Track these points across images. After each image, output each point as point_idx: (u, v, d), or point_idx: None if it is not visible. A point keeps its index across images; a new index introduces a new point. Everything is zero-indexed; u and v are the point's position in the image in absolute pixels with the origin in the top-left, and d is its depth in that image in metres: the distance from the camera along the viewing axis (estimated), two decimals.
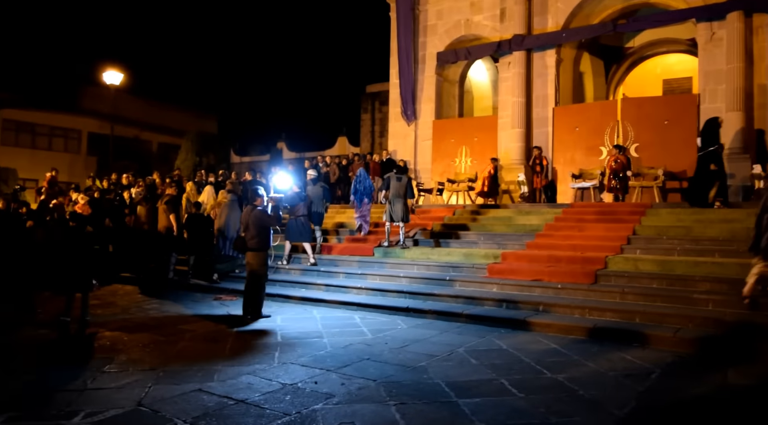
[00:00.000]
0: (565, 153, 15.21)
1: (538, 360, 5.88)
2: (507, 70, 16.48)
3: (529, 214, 12.47)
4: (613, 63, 19.95)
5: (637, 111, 14.50)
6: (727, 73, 13.20)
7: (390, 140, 19.14)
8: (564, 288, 8.42)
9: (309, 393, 4.79)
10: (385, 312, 8.50)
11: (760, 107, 13.18)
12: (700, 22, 13.87)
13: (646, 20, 15.51)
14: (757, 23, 13.25)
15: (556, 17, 15.82)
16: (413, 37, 18.15)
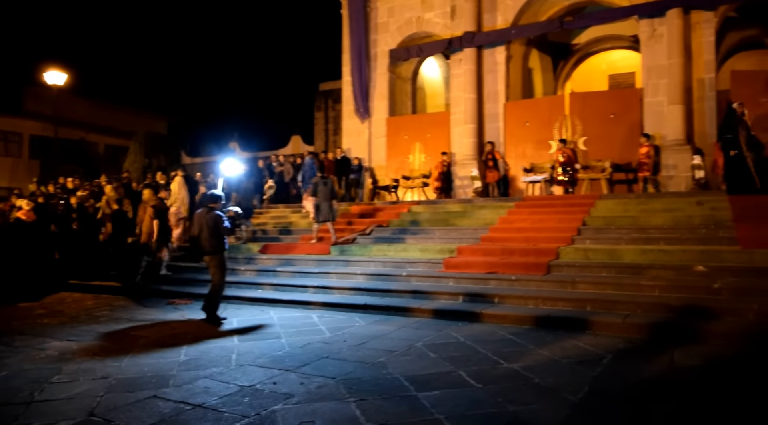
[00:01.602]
0: (517, 147, 15.50)
1: (495, 350, 5.98)
2: (458, 67, 16.67)
3: (483, 209, 12.65)
4: (561, 59, 20.42)
5: (584, 105, 14.88)
6: (668, 68, 13.68)
7: (344, 138, 19.11)
8: (518, 280, 8.59)
9: (268, 394, 4.75)
10: (343, 310, 8.49)
11: (699, 100, 13.72)
12: (642, 19, 14.33)
13: (592, 17, 15.93)
14: (695, 20, 13.78)
15: (506, 14, 16.08)
16: (365, 34, 18.15)
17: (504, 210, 12.14)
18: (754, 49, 18.18)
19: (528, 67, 18.53)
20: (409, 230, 12.13)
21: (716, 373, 5.10)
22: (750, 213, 9.62)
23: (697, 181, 12.65)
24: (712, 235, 9.27)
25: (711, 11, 13.69)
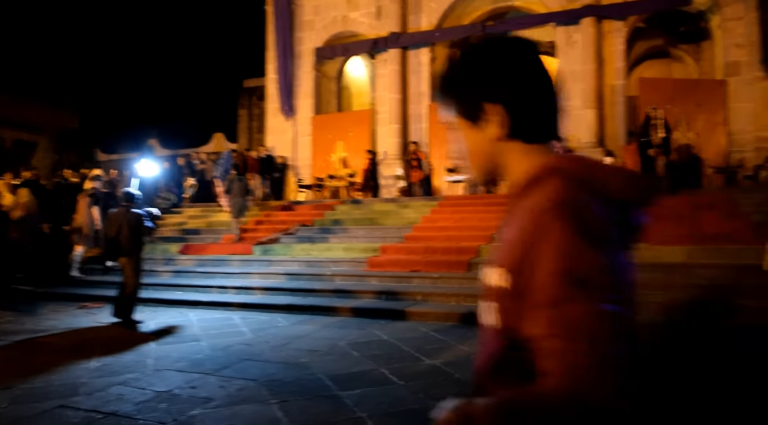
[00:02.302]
0: (441, 147, 15.77)
1: (417, 347, 6.07)
2: (383, 67, 16.79)
3: (407, 208, 12.81)
4: None
5: None
6: (583, 73, 14.34)
7: (268, 136, 18.83)
8: (441, 278, 8.76)
9: (186, 399, 4.61)
10: (266, 310, 8.37)
11: (611, 105, 14.46)
12: (559, 26, 14.95)
13: (512, 23, 16.44)
14: (607, 29, 14.52)
15: (430, 17, 16.35)
16: (290, 31, 17.97)
17: (427, 209, 12.34)
18: (661, 57, 19.36)
19: None
20: (334, 229, 12.11)
21: None
22: (655, 212, 10.19)
23: None
24: None
25: (621, 21, 14.47)
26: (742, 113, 13.64)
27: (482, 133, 1.06)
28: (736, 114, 13.75)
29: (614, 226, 0.95)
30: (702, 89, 14.42)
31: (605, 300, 0.86)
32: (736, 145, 13.70)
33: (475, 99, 1.05)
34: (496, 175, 1.12)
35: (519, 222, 0.97)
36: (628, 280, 0.94)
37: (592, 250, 0.89)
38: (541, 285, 0.89)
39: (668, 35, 18.05)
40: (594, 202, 0.94)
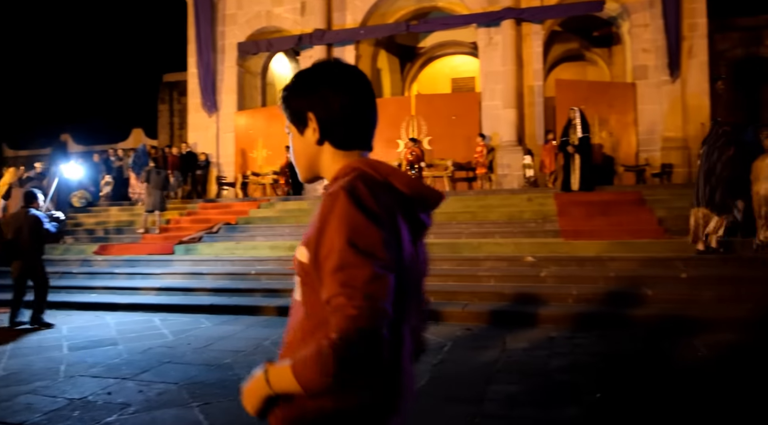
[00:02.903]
0: None
1: None
2: (308, 64, 16.67)
3: None
4: (408, 61, 21.23)
5: (429, 106, 15.60)
6: (503, 74, 14.78)
7: (190, 132, 18.29)
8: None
9: (101, 405, 4.44)
10: (189, 312, 8.15)
11: (530, 105, 14.99)
12: (480, 28, 15.33)
13: (435, 23, 16.73)
14: (526, 31, 15.02)
15: (355, 14, 16.37)
16: (212, 25, 17.53)
17: None
18: (576, 60, 20.26)
19: (377, 68, 19.02)
20: (259, 227, 11.94)
21: (542, 353, 5.62)
22: (570, 208, 10.72)
23: (527, 179, 13.83)
24: (540, 229, 10.19)
25: (539, 24, 15.01)
26: (650, 115, 14.48)
27: (305, 138, 1.34)
28: (644, 115, 14.58)
29: (399, 213, 1.23)
30: (614, 91, 15.19)
31: (380, 267, 1.10)
32: (644, 145, 14.53)
33: (301, 109, 1.32)
34: (316, 173, 1.40)
35: (319, 208, 1.20)
36: (406, 256, 1.22)
37: (369, 225, 1.13)
38: (331, 253, 1.12)
39: (583, 39, 18.91)
40: (379, 192, 1.20)
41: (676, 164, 13.98)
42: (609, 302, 7.26)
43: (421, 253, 1.35)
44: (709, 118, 13.96)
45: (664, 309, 6.88)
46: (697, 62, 14.17)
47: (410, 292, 1.27)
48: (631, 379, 4.79)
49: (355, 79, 1.34)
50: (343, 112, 1.31)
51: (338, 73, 1.33)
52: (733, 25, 19.07)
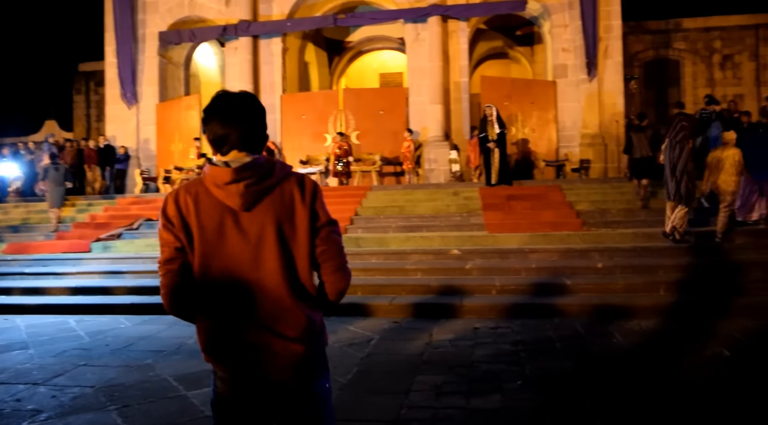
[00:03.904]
0: (293, 139, 15.69)
1: None
2: (234, 56, 16.32)
3: None
4: (336, 55, 21.14)
5: (357, 101, 15.60)
6: (430, 70, 14.97)
7: (108, 125, 17.50)
8: None
9: (9, 413, 4.18)
10: (107, 312, 7.80)
11: (456, 101, 15.27)
12: (408, 23, 15.47)
13: (363, 17, 16.73)
14: (452, 28, 15.28)
15: (282, 6, 16.13)
16: (131, 13, 16.80)
17: None
18: (500, 58, 20.81)
19: (305, 61, 18.84)
20: None
21: (467, 343, 5.75)
22: (493, 202, 11.02)
23: (453, 174, 14.09)
24: (466, 222, 10.41)
25: (465, 21, 15.30)
26: (569, 112, 15.07)
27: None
28: (564, 112, 15.16)
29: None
30: (536, 89, 15.71)
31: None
32: (564, 141, 15.12)
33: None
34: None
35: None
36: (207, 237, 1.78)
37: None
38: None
39: (507, 38, 19.44)
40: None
41: (594, 159, 14.63)
42: (531, 292, 7.51)
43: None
44: (623, 115, 14.71)
45: (582, 298, 7.18)
46: (613, 62, 14.85)
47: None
48: (550, 366, 4.98)
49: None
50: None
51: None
52: (645, 28, 20.16)
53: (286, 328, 1.74)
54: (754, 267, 7.67)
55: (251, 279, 1.73)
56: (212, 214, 1.73)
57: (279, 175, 1.78)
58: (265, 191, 1.75)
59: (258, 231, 1.74)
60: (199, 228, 1.73)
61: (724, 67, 19.87)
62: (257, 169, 1.73)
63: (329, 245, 1.80)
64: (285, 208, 1.76)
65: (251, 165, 1.72)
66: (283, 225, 1.76)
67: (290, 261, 1.76)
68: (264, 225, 1.74)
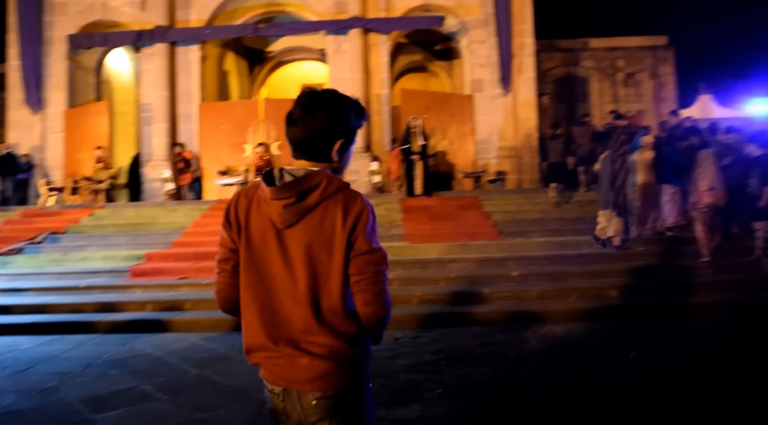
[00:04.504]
0: (212, 150, 15.30)
1: (185, 359, 5.81)
2: (149, 62, 15.76)
3: (176, 212, 12.18)
4: (257, 64, 20.85)
5: (278, 111, 15.41)
6: (351, 81, 15.03)
7: (10, 132, 16.36)
8: (211, 284, 8.42)
9: None
10: (5, 332, 7.26)
11: (377, 113, 15.40)
12: (329, 35, 15.48)
13: (284, 27, 16.62)
14: (373, 41, 15.43)
15: (200, 12, 15.76)
16: (38, 13, 15.84)
17: (198, 213, 11.87)
18: (420, 71, 21.20)
19: (224, 70, 18.47)
20: (91, 236, 11.02)
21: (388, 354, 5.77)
22: (414, 213, 11.18)
23: (374, 185, 14.19)
24: (386, 233, 10.47)
25: (385, 35, 15.50)
26: (486, 125, 15.54)
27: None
28: (481, 125, 15.61)
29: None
30: (454, 102, 16.11)
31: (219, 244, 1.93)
32: (481, 153, 15.56)
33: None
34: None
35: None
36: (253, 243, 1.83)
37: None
38: None
39: (426, 52, 19.85)
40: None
41: (509, 171, 15.14)
42: (450, 301, 7.66)
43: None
44: (536, 129, 15.34)
45: (499, 306, 7.40)
46: (526, 78, 15.47)
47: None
48: (469, 373, 5.08)
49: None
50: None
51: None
52: (556, 46, 21.15)
53: (312, 346, 1.72)
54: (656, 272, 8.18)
55: (286, 294, 1.74)
56: (260, 225, 1.76)
57: (324, 194, 1.72)
58: (304, 211, 1.71)
59: (295, 250, 1.73)
60: (248, 235, 1.77)
61: (627, 85, 21.14)
62: (298, 188, 1.70)
63: (363, 276, 1.72)
64: (323, 231, 1.72)
65: (292, 184, 1.71)
66: (317, 249, 1.72)
67: (319, 285, 1.73)
68: (300, 245, 1.73)
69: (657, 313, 6.95)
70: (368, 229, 1.74)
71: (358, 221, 1.72)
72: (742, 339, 5.89)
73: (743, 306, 6.94)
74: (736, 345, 5.70)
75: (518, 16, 15.37)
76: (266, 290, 1.76)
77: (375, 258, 1.74)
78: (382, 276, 1.75)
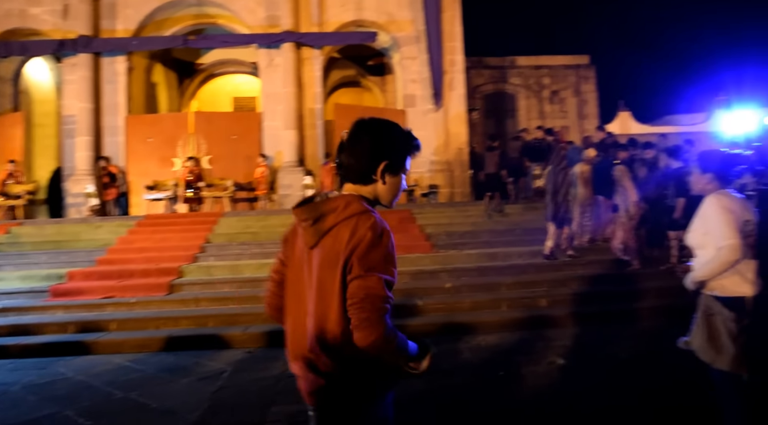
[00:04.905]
0: (139, 164, 14.82)
1: (110, 381, 5.57)
2: (72, 73, 15.13)
3: (100, 228, 11.69)
4: (187, 77, 20.39)
5: (208, 125, 15.15)
6: (284, 96, 14.95)
7: None
8: (138, 303, 8.18)
9: None
10: None
11: (310, 127, 15.38)
12: (261, 48, 15.36)
13: (214, 39, 16.36)
14: (305, 56, 15.42)
15: (127, 23, 15.29)
16: None
17: (124, 229, 11.44)
18: (354, 86, 21.34)
19: (152, 82, 17.95)
20: (8, 255, 10.41)
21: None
22: None
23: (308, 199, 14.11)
24: None
25: (318, 50, 15.52)
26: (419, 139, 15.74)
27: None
28: None
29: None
30: (387, 117, 15.35)
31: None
32: (414, 167, 15.50)
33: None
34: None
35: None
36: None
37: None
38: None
39: (359, 67, 20.02)
40: None
41: (442, 185, 15.42)
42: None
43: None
44: (467, 143, 15.71)
45: (433, 318, 7.49)
46: (457, 94, 15.85)
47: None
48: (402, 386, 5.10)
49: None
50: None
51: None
52: (486, 64, 21.83)
53: (318, 362, 1.84)
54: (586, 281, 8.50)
55: (307, 310, 1.87)
56: (300, 245, 1.92)
57: (339, 217, 1.81)
58: (322, 233, 1.83)
59: (314, 270, 1.85)
60: (292, 253, 1.97)
61: (552, 101, 22.03)
62: (316, 210, 1.85)
63: (352, 300, 1.74)
64: (332, 253, 1.79)
65: (312, 206, 1.87)
66: (326, 271, 1.80)
67: (324, 306, 1.81)
68: (316, 266, 1.84)
69: (587, 320, 7.22)
70: (368, 254, 1.75)
71: (358, 245, 1.76)
72: (665, 341, 6.21)
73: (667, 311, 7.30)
74: (655, 348, 6.00)
75: (449, 34, 15.76)
76: (297, 307, 1.92)
77: (366, 283, 1.73)
78: (374, 303, 1.72)
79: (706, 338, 3.19)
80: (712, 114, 24.40)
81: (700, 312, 3.27)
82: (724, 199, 3.12)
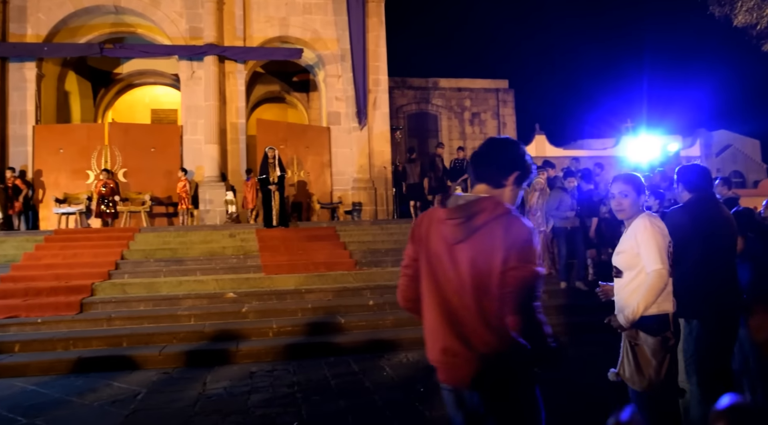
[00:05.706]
0: (49, 176, 14.08)
1: (13, 407, 5.24)
2: None
3: (4, 243, 10.96)
4: (102, 86, 19.58)
5: (125, 136, 14.62)
6: (206, 109, 14.66)
7: None
8: (45, 322, 7.74)
9: None
10: None
11: (233, 142, 15.15)
12: (182, 60, 15.02)
13: (133, 49, 15.87)
14: (229, 69, 15.22)
15: (38, 28, 14.56)
16: None
17: (31, 244, 10.79)
18: (278, 102, 21.22)
19: (65, 90, 17.14)
20: None
21: (242, 389, 5.63)
22: (271, 243, 11.07)
23: (229, 215, 13.87)
24: (242, 264, 10.26)
25: (242, 64, 15.36)
26: (342, 157, 15.88)
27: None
28: (337, 157, 15.93)
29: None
30: (311, 134, 16.29)
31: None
32: (338, 184, 15.84)
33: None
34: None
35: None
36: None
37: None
38: None
39: (284, 83, 19.94)
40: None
41: (365, 202, 15.55)
42: (307, 332, 7.65)
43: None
44: (390, 162, 15.95)
45: (355, 335, 7.53)
46: (381, 113, 16.09)
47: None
48: (325, 405, 5.11)
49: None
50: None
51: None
52: (409, 84, 22.31)
53: (477, 343, 2.04)
54: None
55: (456, 301, 2.09)
56: (437, 241, 2.14)
57: (490, 216, 2.04)
58: (472, 230, 2.05)
59: (464, 263, 2.06)
60: (427, 249, 2.17)
61: (473, 123, 22.77)
62: (468, 210, 2.06)
63: (507, 289, 1.99)
64: (486, 248, 2.02)
65: (463, 207, 2.08)
66: (481, 263, 2.02)
67: (481, 293, 2.03)
68: (467, 259, 2.05)
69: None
70: (523, 250, 2.00)
71: (514, 242, 2.00)
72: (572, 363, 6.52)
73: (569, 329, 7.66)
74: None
75: (373, 54, 16.02)
76: (442, 295, 2.12)
77: (522, 274, 1.99)
78: (526, 292, 2.00)
79: (634, 368, 3.09)
80: (619, 139, 26.01)
81: (624, 343, 3.18)
82: (657, 221, 3.06)
